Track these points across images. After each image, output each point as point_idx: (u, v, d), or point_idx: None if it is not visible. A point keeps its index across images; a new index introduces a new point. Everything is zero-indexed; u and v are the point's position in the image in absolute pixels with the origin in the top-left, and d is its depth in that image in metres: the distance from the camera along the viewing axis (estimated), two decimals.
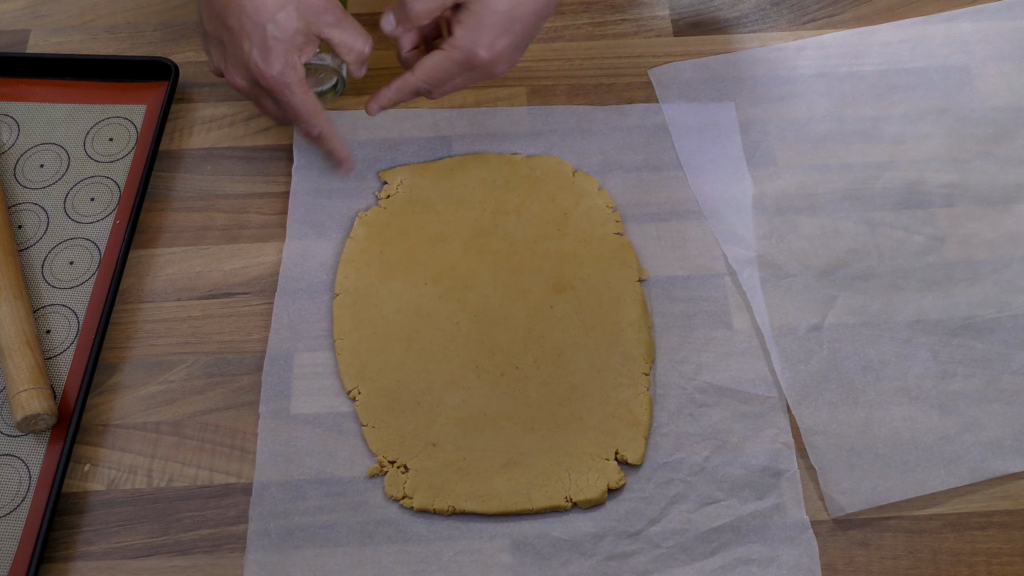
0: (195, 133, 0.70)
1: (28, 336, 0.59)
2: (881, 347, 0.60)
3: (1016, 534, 0.54)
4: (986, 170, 0.67)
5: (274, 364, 0.60)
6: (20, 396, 0.56)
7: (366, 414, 0.58)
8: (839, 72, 0.71)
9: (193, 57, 0.73)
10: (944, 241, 0.64)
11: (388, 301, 0.62)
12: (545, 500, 0.55)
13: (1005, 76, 0.71)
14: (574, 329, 0.60)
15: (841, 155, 0.68)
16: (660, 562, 0.53)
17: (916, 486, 0.55)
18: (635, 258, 0.63)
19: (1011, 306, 0.61)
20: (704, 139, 0.68)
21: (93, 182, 0.68)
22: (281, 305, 0.62)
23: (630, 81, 0.72)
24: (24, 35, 0.75)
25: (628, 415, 0.57)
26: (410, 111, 0.70)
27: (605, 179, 0.67)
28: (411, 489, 0.55)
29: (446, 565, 0.53)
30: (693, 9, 0.76)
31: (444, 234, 0.64)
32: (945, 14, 0.74)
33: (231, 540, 0.55)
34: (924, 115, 0.69)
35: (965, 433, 0.57)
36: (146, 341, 0.61)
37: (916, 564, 0.53)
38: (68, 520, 0.55)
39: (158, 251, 0.65)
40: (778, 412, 0.58)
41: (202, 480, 0.56)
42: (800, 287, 0.62)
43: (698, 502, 0.55)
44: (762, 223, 0.65)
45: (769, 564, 0.53)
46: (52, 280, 0.63)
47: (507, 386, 0.58)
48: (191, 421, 0.58)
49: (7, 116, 0.71)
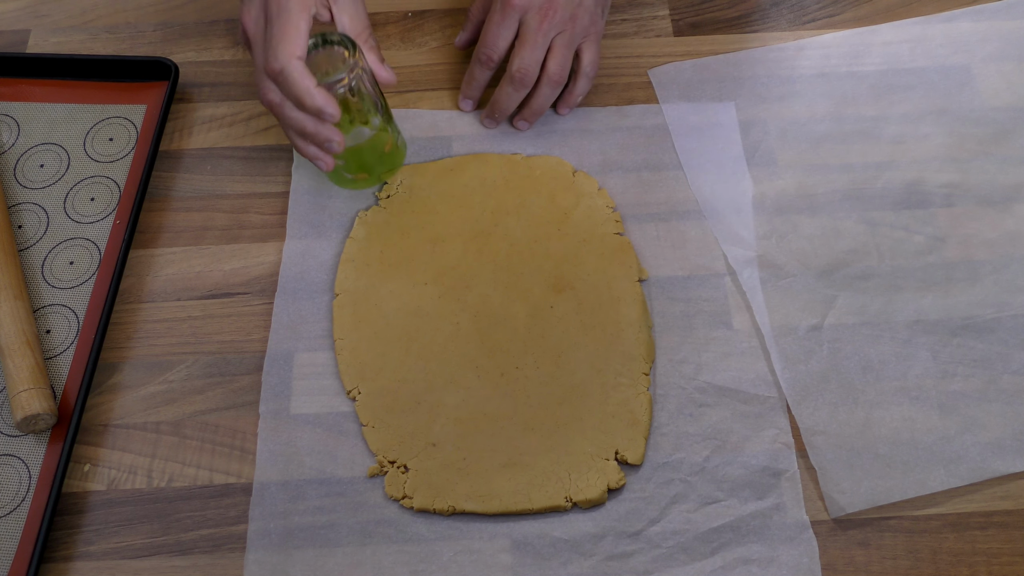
0: (195, 133, 0.70)
1: (28, 336, 0.59)
2: (881, 347, 0.60)
3: (1016, 534, 0.54)
4: (986, 170, 0.67)
5: (274, 364, 0.60)
6: (20, 396, 0.56)
7: (366, 414, 0.58)
8: (839, 72, 0.71)
9: (193, 57, 0.74)
10: (944, 241, 0.64)
11: (388, 301, 0.62)
12: (545, 500, 0.55)
13: (1005, 76, 0.71)
14: (574, 329, 0.60)
15: (841, 155, 0.68)
16: (660, 562, 0.53)
17: (916, 486, 0.55)
18: (635, 258, 0.63)
19: (1011, 306, 0.61)
20: (704, 139, 0.68)
21: (93, 182, 0.68)
22: (281, 305, 0.62)
23: (630, 81, 0.72)
24: (24, 35, 0.75)
25: (628, 415, 0.57)
26: (410, 111, 0.70)
27: (605, 179, 0.67)
28: (411, 489, 0.55)
29: (446, 565, 0.53)
30: (693, 9, 0.76)
31: (444, 234, 0.64)
32: (945, 14, 0.74)
33: (231, 540, 0.55)
34: (924, 115, 0.69)
35: (965, 433, 0.57)
36: (146, 341, 0.61)
37: (916, 564, 0.53)
38: (68, 520, 0.55)
39: (158, 251, 0.65)
40: (778, 412, 0.58)
41: (202, 480, 0.56)
42: (800, 287, 0.62)
43: (698, 502, 0.55)
44: (762, 223, 0.65)
45: (769, 564, 0.53)
46: (52, 280, 0.63)
47: (507, 386, 0.58)
48: (191, 421, 0.58)
49: (7, 116, 0.71)
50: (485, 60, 0.67)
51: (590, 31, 0.66)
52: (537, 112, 0.67)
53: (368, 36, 0.60)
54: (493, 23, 0.65)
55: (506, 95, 0.66)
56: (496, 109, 0.67)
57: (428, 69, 0.73)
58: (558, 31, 0.64)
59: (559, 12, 0.64)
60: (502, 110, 0.67)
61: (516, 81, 0.65)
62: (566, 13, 0.64)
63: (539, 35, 0.64)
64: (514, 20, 0.64)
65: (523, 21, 0.64)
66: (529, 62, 0.64)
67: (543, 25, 0.64)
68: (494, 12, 0.65)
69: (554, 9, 0.63)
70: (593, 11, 0.66)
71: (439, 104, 0.71)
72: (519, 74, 0.65)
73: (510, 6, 0.64)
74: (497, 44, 0.66)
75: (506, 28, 0.65)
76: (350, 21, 0.59)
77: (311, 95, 0.55)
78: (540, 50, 0.64)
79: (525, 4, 0.64)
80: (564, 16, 0.64)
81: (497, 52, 0.66)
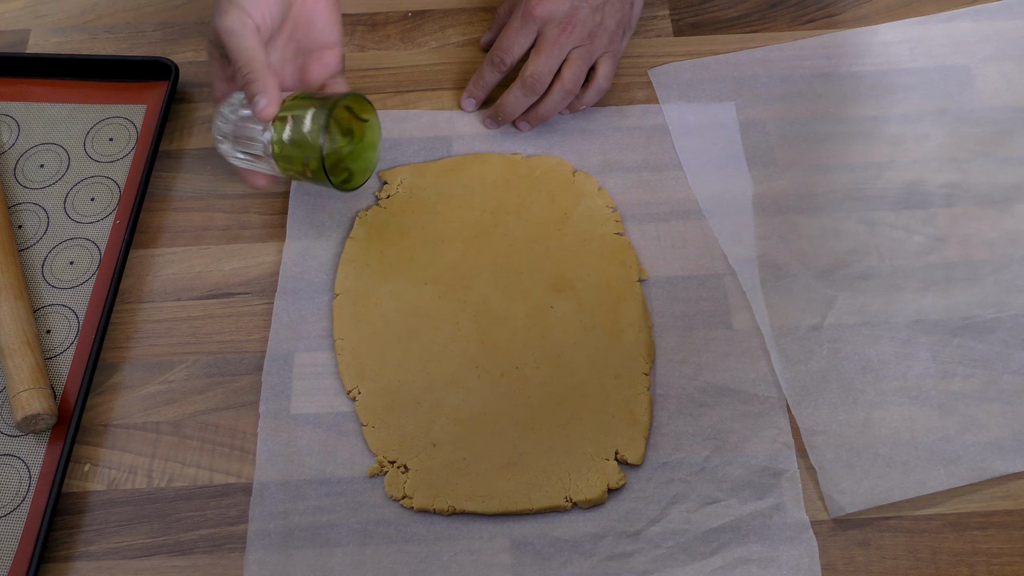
0: (195, 133, 0.70)
1: (28, 336, 0.59)
2: (881, 347, 0.60)
3: (1016, 534, 0.54)
4: (986, 170, 0.67)
5: (274, 364, 0.60)
6: (20, 396, 0.56)
7: (366, 414, 0.58)
8: (839, 72, 0.71)
9: (193, 57, 0.74)
10: (944, 241, 0.64)
11: (388, 301, 0.62)
12: (545, 500, 0.55)
13: (1005, 76, 0.71)
14: (574, 329, 0.60)
15: (841, 155, 0.68)
16: (660, 562, 0.53)
17: (916, 486, 0.55)
18: (635, 258, 0.63)
19: (1011, 306, 0.61)
20: (704, 139, 0.68)
21: (93, 182, 0.68)
22: (281, 305, 0.62)
23: (630, 81, 0.72)
24: (24, 35, 0.75)
25: (628, 415, 0.57)
26: (410, 112, 0.70)
27: (605, 179, 0.67)
28: (411, 489, 0.55)
29: (446, 565, 0.53)
30: (693, 9, 0.76)
31: (444, 234, 0.64)
32: (945, 14, 0.74)
33: (231, 540, 0.55)
34: (924, 115, 0.69)
35: (965, 433, 0.57)
36: (146, 341, 0.61)
37: (916, 564, 0.53)
38: (68, 520, 0.55)
39: (158, 251, 0.65)
40: (778, 412, 0.58)
41: (202, 480, 0.56)
42: (800, 287, 0.62)
43: (698, 502, 0.55)
44: (762, 223, 0.65)
45: (769, 564, 0.53)
46: (52, 280, 0.63)
47: (507, 386, 0.58)
48: (191, 421, 0.58)
49: (7, 116, 0.71)
50: (497, 63, 0.67)
51: (609, 49, 0.66)
52: (542, 118, 0.67)
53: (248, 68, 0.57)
54: (511, 29, 0.66)
55: (514, 99, 0.66)
56: (501, 111, 0.67)
57: (428, 69, 0.73)
58: (576, 45, 0.65)
59: (579, 28, 0.64)
60: (507, 113, 0.67)
61: (527, 86, 0.65)
62: (585, 30, 0.64)
63: (556, 47, 0.64)
64: (532, 29, 0.65)
65: (541, 32, 0.65)
66: (543, 69, 0.64)
67: (561, 38, 0.64)
68: (514, 19, 0.66)
69: (574, 24, 0.64)
70: (613, 32, 0.66)
71: (439, 104, 0.71)
72: (531, 79, 0.65)
73: (530, 16, 0.64)
74: (512, 49, 0.66)
75: (524, 36, 0.65)
76: None
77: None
78: (556, 60, 0.65)
79: (546, 16, 0.64)
80: (583, 32, 0.64)
81: (511, 57, 0.66)
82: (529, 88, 0.65)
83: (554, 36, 0.64)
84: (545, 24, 0.64)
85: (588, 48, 0.65)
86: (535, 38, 0.65)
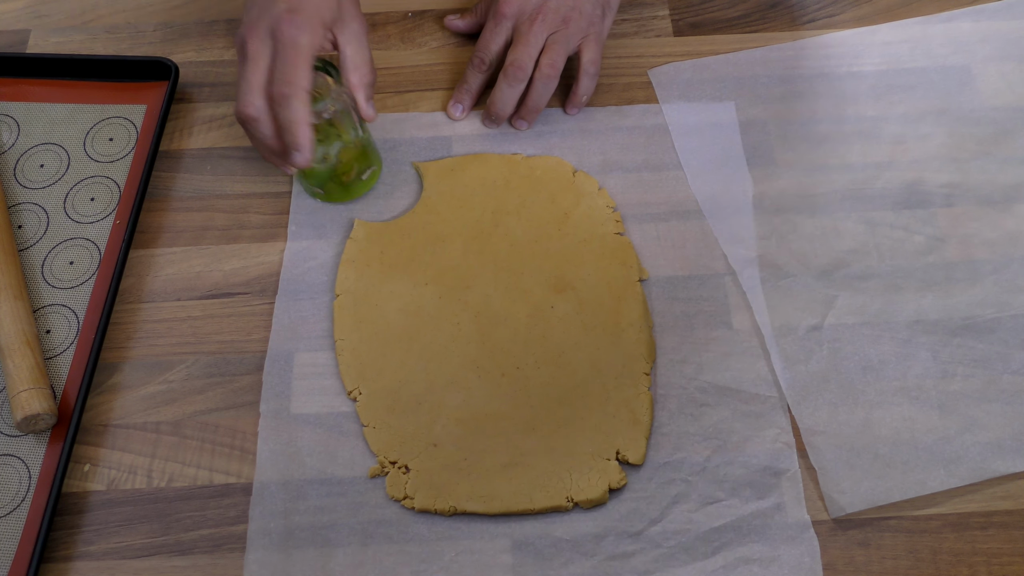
0: (195, 133, 0.70)
1: (28, 336, 0.59)
2: (881, 347, 0.60)
3: (1016, 534, 0.54)
4: (986, 170, 0.67)
5: (274, 364, 0.60)
6: (20, 396, 0.56)
7: (367, 414, 0.58)
8: (839, 72, 0.71)
9: (193, 57, 0.73)
10: (944, 241, 0.64)
11: (388, 302, 0.61)
12: (546, 500, 0.55)
13: (1005, 76, 0.71)
14: (575, 329, 0.60)
15: (841, 155, 0.68)
16: (661, 562, 0.53)
17: (916, 486, 0.55)
18: (635, 258, 0.63)
19: (1011, 306, 0.61)
20: (704, 139, 0.68)
21: (93, 182, 0.68)
22: (282, 306, 0.62)
23: (630, 81, 0.72)
24: (24, 35, 0.75)
25: (629, 415, 0.57)
26: (410, 112, 0.70)
27: (605, 179, 0.67)
28: (412, 489, 0.55)
29: (447, 565, 0.53)
30: (693, 9, 0.76)
31: (444, 234, 0.64)
32: (945, 14, 0.74)
33: (231, 540, 0.55)
34: (924, 115, 0.69)
35: (965, 433, 0.57)
36: (146, 341, 0.61)
37: (916, 564, 0.53)
38: (68, 520, 0.55)
39: (158, 251, 0.65)
40: (778, 412, 0.58)
41: (202, 480, 0.56)
42: (800, 287, 0.62)
43: (699, 502, 0.55)
44: (762, 223, 0.65)
45: (770, 564, 0.53)
46: (52, 280, 0.63)
47: (508, 386, 0.58)
48: (191, 421, 0.58)
49: (7, 116, 0.70)
50: (477, 63, 0.68)
51: (589, 31, 0.66)
52: (533, 110, 0.68)
53: (368, 71, 0.60)
54: (487, 30, 0.68)
55: (502, 92, 0.67)
56: (493, 108, 0.68)
57: (428, 69, 0.73)
58: (551, 31, 0.65)
59: (550, 15, 0.65)
60: (499, 108, 0.67)
61: (510, 75, 0.66)
62: (558, 16, 0.65)
63: (531, 35, 0.65)
64: (506, 28, 0.66)
65: (516, 27, 0.66)
66: (523, 57, 0.65)
67: (534, 27, 0.65)
68: (488, 21, 0.67)
69: (544, 13, 0.65)
70: (591, 13, 0.66)
71: (439, 104, 0.71)
72: (512, 68, 0.65)
73: (500, 15, 0.66)
74: (489, 47, 0.67)
75: (498, 34, 0.67)
76: (353, 53, 0.59)
77: (302, 131, 0.56)
78: (534, 48, 0.65)
79: (515, 12, 0.66)
80: (556, 19, 0.65)
81: (489, 55, 0.67)
82: (512, 77, 0.65)
83: (527, 27, 0.65)
84: (517, 19, 0.66)
85: (564, 33, 0.65)
86: (511, 35, 0.66)
